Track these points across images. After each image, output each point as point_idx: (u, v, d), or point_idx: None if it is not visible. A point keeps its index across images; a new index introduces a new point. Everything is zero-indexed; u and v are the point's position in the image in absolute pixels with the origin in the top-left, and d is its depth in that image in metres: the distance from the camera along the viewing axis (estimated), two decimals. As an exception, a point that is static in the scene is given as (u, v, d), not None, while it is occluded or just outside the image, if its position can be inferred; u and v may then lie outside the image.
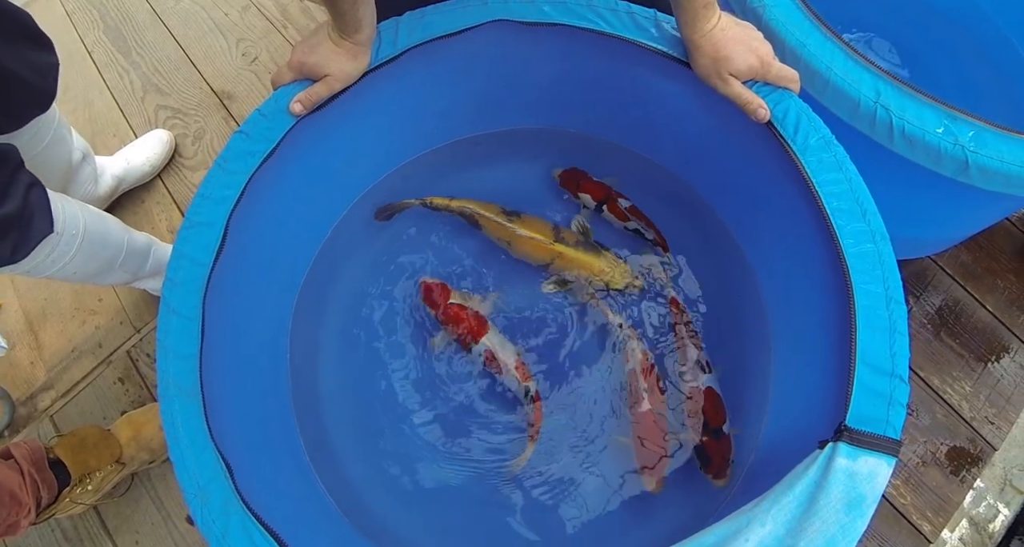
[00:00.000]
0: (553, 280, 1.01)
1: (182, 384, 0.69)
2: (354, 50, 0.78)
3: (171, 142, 1.48)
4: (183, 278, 0.74)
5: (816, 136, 0.74)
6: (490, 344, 0.95)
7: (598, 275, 0.99)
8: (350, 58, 0.79)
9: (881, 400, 0.61)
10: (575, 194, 1.06)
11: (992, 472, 1.14)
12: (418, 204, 1.04)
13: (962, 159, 0.77)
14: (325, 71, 0.79)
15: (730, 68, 0.75)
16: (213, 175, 0.78)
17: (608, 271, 0.99)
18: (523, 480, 0.91)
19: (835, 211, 0.70)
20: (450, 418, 0.96)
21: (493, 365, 0.95)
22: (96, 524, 1.23)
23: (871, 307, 0.65)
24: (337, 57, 0.78)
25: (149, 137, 1.47)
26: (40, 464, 1.04)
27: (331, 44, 0.78)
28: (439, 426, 0.96)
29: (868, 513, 0.56)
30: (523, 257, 1.02)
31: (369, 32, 0.78)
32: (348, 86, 0.81)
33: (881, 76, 0.81)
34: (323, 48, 0.78)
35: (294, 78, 0.81)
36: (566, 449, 0.92)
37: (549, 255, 1.00)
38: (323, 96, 0.80)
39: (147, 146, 1.45)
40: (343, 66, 0.79)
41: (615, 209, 1.03)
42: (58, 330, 1.39)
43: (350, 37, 0.77)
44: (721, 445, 0.86)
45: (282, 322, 0.93)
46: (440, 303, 0.98)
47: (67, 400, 1.33)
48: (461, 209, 1.03)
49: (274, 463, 0.82)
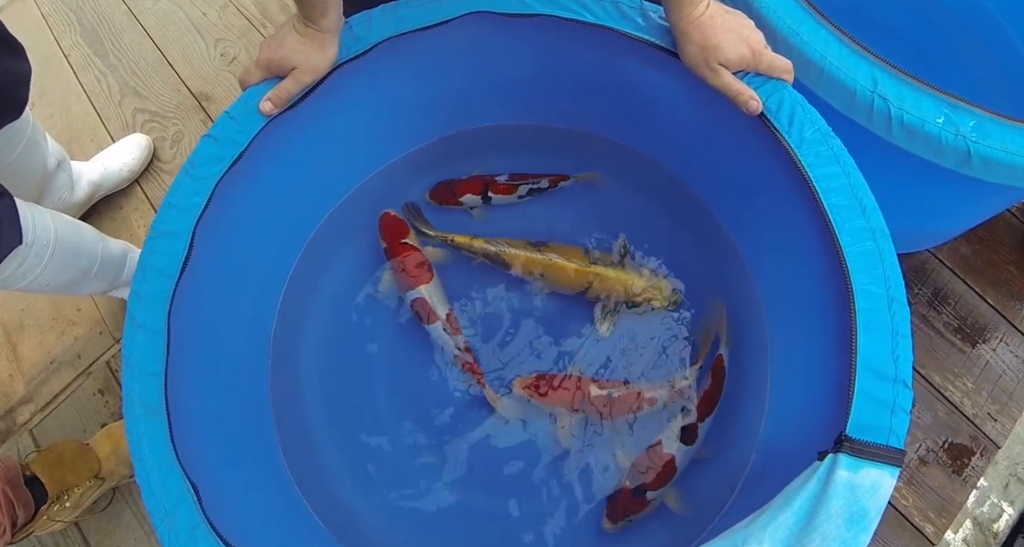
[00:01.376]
0: (605, 315, 0.95)
1: (148, 402, 0.66)
2: (320, 39, 0.75)
3: (149, 146, 1.44)
4: (149, 291, 0.70)
5: (812, 128, 0.71)
6: (426, 294, 0.93)
7: (640, 294, 0.94)
8: (317, 48, 0.75)
9: (883, 407, 0.57)
10: (457, 203, 1.01)
11: (995, 470, 1.11)
12: (438, 238, 0.99)
13: (964, 150, 0.74)
14: (292, 64, 0.75)
15: (719, 58, 0.72)
16: (180, 182, 0.74)
17: (650, 289, 0.94)
18: (522, 501, 0.89)
19: (833, 207, 0.66)
20: (444, 435, 0.92)
21: (423, 312, 0.92)
22: (78, 541, 1.19)
23: (872, 309, 0.61)
24: (303, 48, 0.75)
25: (127, 141, 1.43)
26: (15, 482, 1.00)
27: (297, 35, 0.74)
28: (434, 442, 0.92)
29: (871, 528, 0.53)
30: (558, 286, 0.96)
31: (335, 17, 0.75)
32: (318, 79, 0.78)
33: (878, 64, 0.77)
34: (289, 41, 0.75)
35: (263, 77, 0.77)
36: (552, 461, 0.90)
37: (586, 279, 0.94)
38: (293, 92, 0.77)
39: (124, 151, 1.41)
40: (310, 57, 0.75)
41: (500, 188, 1.00)
42: (36, 341, 1.35)
43: (315, 23, 0.73)
44: (635, 504, 0.83)
45: (260, 335, 0.90)
46: (391, 240, 0.96)
47: (46, 413, 1.29)
48: (485, 250, 0.97)
49: (253, 483, 0.78)
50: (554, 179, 1.00)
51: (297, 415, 0.90)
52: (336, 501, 0.88)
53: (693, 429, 0.85)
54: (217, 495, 0.65)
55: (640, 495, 0.83)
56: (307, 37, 0.75)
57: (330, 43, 0.77)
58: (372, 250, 1.01)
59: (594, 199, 1.03)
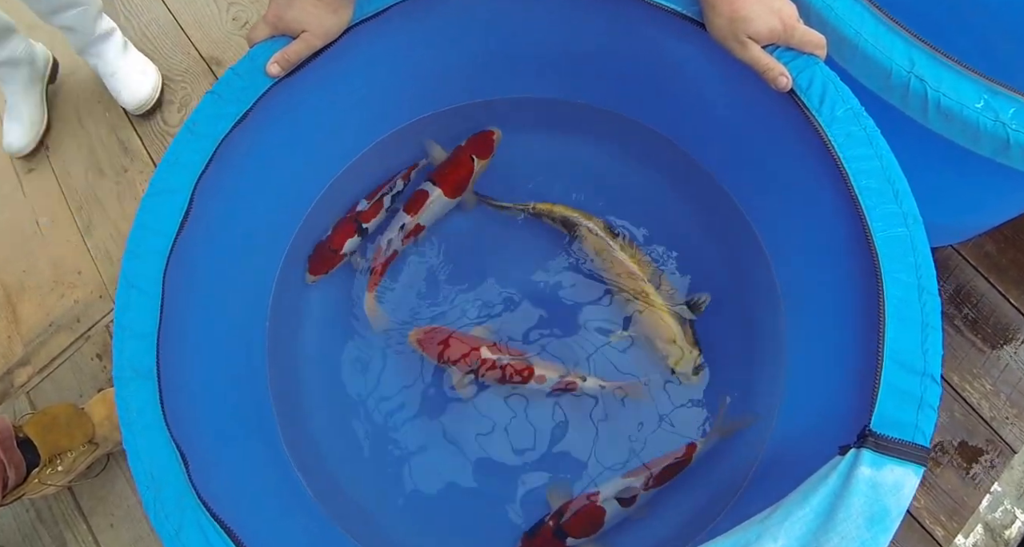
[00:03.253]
0: (622, 333, 0.92)
1: (138, 365, 0.63)
2: (334, 3, 0.71)
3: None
4: (144, 250, 0.67)
5: (843, 107, 0.67)
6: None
7: (668, 345, 0.88)
8: (330, 12, 0.72)
9: (910, 402, 0.54)
10: (340, 258, 0.95)
11: (1011, 476, 1.08)
12: (519, 210, 0.97)
13: (1003, 137, 0.70)
14: (303, 26, 0.72)
15: (749, 30, 0.68)
16: (181, 138, 0.71)
17: (681, 349, 0.88)
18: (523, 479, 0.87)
19: (864, 190, 0.63)
20: (445, 413, 0.90)
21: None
22: (71, 505, 1.19)
23: (902, 298, 0.58)
24: (316, 10, 0.71)
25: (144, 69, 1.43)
26: (7, 443, 0.99)
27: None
28: (435, 421, 0.90)
29: (892, 528, 0.50)
30: (607, 274, 0.93)
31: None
32: (328, 43, 0.74)
33: (916, 44, 0.73)
34: (301, 1, 0.71)
35: (270, 34, 0.74)
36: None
37: (637, 289, 0.91)
38: (302, 55, 0.73)
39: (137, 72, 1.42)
40: (323, 21, 0.72)
41: (367, 213, 0.95)
42: (36, 303, 1.34)
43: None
44: (551, 545, 0.80)
45: (259, 302, 0.87)
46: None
47: (44, 376, 1.28)
48: (564, 217, 0.95)
49: (244, 454, 0.76)
50: (406, 173, 0.97)
51: (293, 388, 0.88)
52: (329, 476, 0.86)
53: (634, 494, 0.81)
54: (206, 464, 0.63)
55: (560, 538, 0.80)
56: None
57: (345, 7, 0.73)
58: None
59: (605, 178, 0.99)
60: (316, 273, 0.93)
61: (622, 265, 0.92)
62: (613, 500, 0.80)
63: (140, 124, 1.44)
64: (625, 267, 0.91)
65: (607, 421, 0.88)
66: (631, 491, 0.80)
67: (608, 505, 0.80)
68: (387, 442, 0.89)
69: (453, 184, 0.95)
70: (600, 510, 0.80)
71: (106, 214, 1.37)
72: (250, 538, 0.58)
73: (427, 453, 0.88)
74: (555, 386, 0.87)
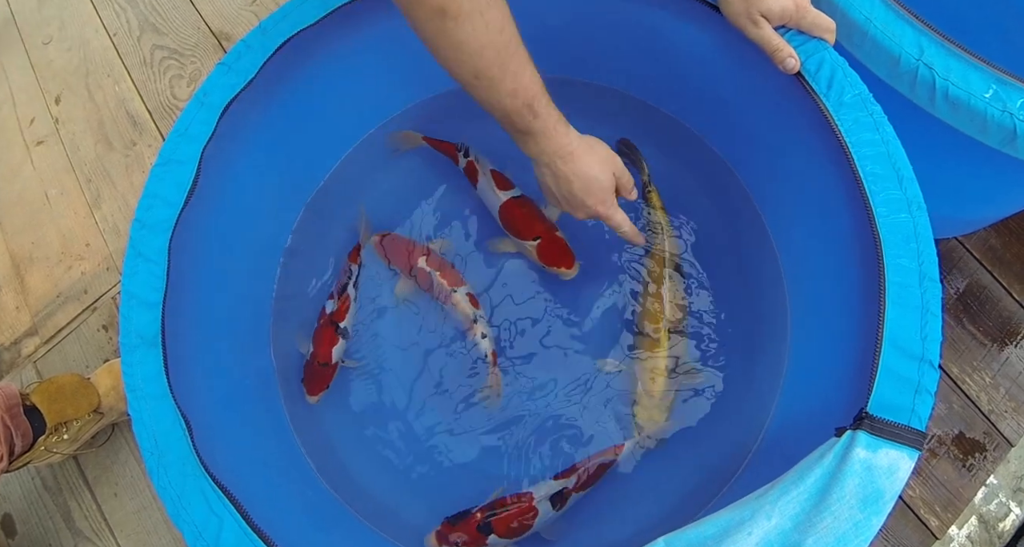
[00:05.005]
0: (613, 365, 0.89)
1: (144, 333, 0.64)
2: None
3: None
4: (153, 219, 0.68)
5: (851, 93, 0.67)
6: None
7: (646, 398, 0.85)
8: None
9: (908, 387, 0.54)
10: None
11: (1007, 469, 1.08)
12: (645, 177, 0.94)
13: (1010, 128, 0.70)
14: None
15: (762, 8, 0.68)
16: (190, 110, 0.72)
17: (653, 401, 0.84)
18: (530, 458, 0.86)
19: (869, 175, 0.63)
20: (449, 392, 0.90)
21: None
22: (76, 474, 1.20)
23: (903, 283, 0.58)
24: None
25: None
26: (14, 411, 1.00)
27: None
28: (438, 400, 0.90)
29: (885, 510, 0.50)
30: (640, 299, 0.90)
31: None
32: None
33: (925, 32, 0.73)
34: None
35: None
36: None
37: (652, 327, 0.87)
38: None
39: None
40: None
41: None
42: (44, 274, 1.35)
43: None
44: (473, 538, 0.78)
45: (265, 274, 0.88)
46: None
47: (51, 346, 1.29)
48: (654, 223, 0.91)
49: (248, 423, 0.77)
50: (353, 255, 0.93)
51: (297, 359, 0.89)
52: (330, 447, 0.86)
53: (566, 495, 0.79)
54: (209, 432, 0.64)
55: (483, 533, 0.78)
56: None
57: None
58: (388, 194, 0.99)
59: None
60: (316, 392, 0.88)
61: (657, 299, 0.88)
62: (546, 501, 0.78)
63: (149, 98, 1.44)
64: (659, 303, 0.88)
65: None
66: (564, 493, 0.79)
67: (542, 506, 0.78)
68: (389, 414, 0.89)
69: None
70: (534, 511, 0.78)
71: (114, 187, 1.38)
72: (252, 504, 0.59)
73: (428, 426, 0.88)
74: (459, 324, 0.89)
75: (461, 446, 0.87)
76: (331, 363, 0.87)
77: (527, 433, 0.87)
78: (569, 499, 0.79)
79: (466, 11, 0.59)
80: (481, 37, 0.61)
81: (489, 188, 0.91)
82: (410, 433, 0.88)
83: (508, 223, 0.91)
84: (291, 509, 0.73)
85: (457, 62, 0.63)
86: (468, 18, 0.59)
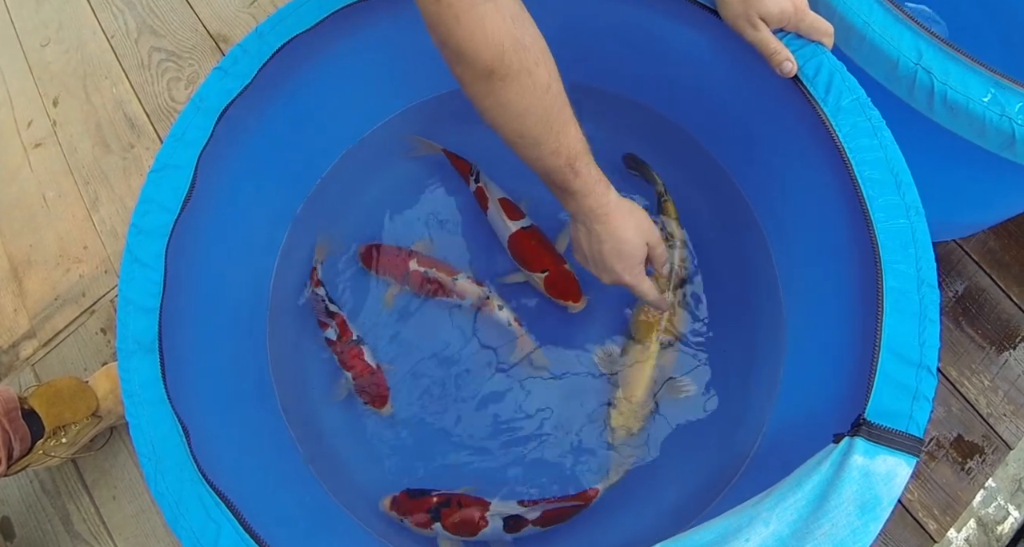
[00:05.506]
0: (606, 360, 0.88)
1: (141, 338, 0.64)
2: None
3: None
4: (150, 225, 0.68)
5: (849, 97, 0.67)
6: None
7: (623, 402, 0.84)
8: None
9: (905, 393, 0.54)
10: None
11: (1005, 472, 1.08)
12: (659, 186, 0.94)
13: (1008, 132, 0.70)
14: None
15: (761, 9, 0.68)
16: (187, 115, 0.72)
17: (631, 408, 0.83)
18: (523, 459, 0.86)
19: (867, 181, 0.63)
20: (447, 394, 0.90)
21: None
22: (74, 477, 1.20)
23: (901, 289, 0.58)
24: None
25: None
26: (12, 414, 1.00)
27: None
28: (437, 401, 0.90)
29: (883, 517, 0.50)
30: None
31: None
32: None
33: (924, 35, 0.73)
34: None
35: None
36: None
37: (644, 333, 0.86)
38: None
39: None
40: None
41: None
42: (42, 277, 1.35)
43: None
44: (420, 519, 0.79)
45: (261, 279, 0.88)
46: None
47: (49, 349, 1.29)
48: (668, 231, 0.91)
49: (247, 429, 0.77)
50: (314, 280, 0.93)
51: (295, 363, 0.89)
52: (333, 455, 0.86)
53: (522, 524, 0.78)
54: (208, 437, 0.64)
55: (433, 517, 0.78)
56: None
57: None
58: (385, 196, 0.99)
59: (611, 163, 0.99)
60: (384, 402, 0.88)
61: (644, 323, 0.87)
62: (499, 518, 0.78)
63: (147, 100, 1.44)
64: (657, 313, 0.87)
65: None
66: (521, 521, 0.78)
67: (492, 521, 0.78)
68: (389, 419, 0.89)
69: None
70: (484, 522, 0.78)
71: (112, 190, 1.38)
72: (249, 510, 0.59)
73: (426, 428, 0.88)
74: (476, 301, 0.90)
75: (462, 453, 0.87)
76: (375, 370, 0.88)
77: (532, 447, 0.87)
78: (525, 529, 0.78)
79: (514, 71, 0.58)
80: (528, 97, 0.60)
81: (499, 217, 0.91)
82: (410, 437, 0.88)
83: (517, 253, 0.90)
84: (289, 514, 0.73)
85: (503, 121, 0.63)
86: (516, 78, 0.59)
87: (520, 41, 0.58)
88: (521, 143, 0.64)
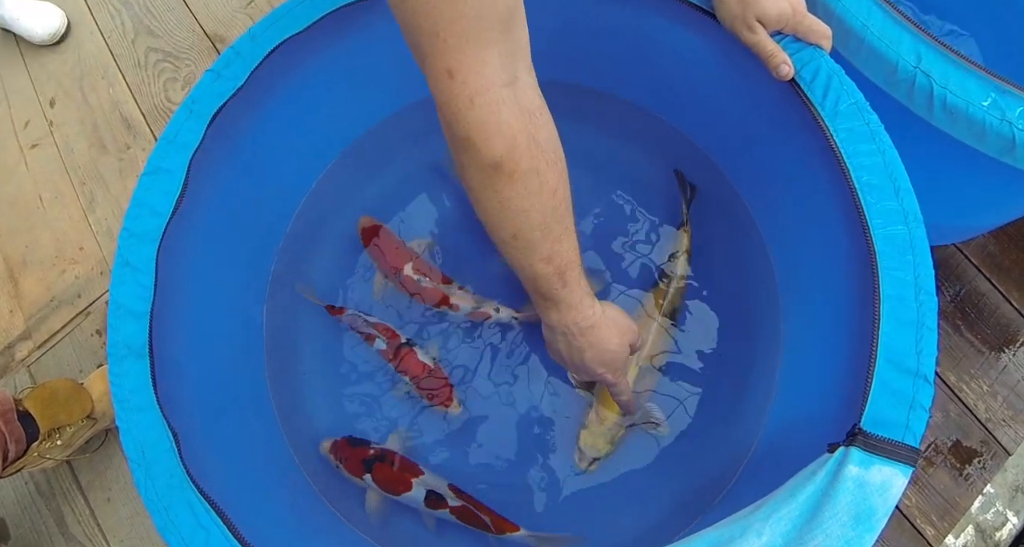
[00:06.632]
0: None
1: (132, 343, 0.64)
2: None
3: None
4: (140, 229, 0.68)
5: (848, 101, 0.66)
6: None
7: (599, 415, 0.82)
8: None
9: (902, 402, 0.54)
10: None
11: (1004, 478, 1.07)
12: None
13: (1008, 136, 0.69)
14: None
15: (759, 11, 0.67)
16: (179, 117, 0.71)
17: (601, 429, 0.81)
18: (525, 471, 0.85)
19: (864, 186, 0.62)
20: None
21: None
22: (69, 479, 1.19)
23: (898, 297, 0.57)
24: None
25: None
26: (8, 417, 1.00)
27: None
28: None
29: (877, 528, 0.50)
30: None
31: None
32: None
33: (923, 39, 0.72)
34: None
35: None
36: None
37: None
38: None
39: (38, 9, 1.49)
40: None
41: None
42: (38, 278, 1.34)
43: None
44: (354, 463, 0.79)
45: (258, 282, 0.87)
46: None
47: (44, 351, 1.29)
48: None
49: (239, 436, 0.76)
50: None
51: (291, 368, 0.88)
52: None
53: (440, 504, 0.78)
54: (199, 442, 0.64)
55: (366, 468, 0.79)
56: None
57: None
58: (384, 197, 0.98)
59: (608, 166, 0.98)
60: (450, 400, 0.86)
61: (643, 329, 0.84)
62: (422, 488, 0.78)
63: (143, 101, 1.44)
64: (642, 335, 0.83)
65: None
66: (441, 501, 0.78)
67: (416, 488, 0.78)
68: (383, 422, 0.88)
69: None
70: (405, 486, 0.78)
71: (108, 191, 1.37)
72: (240, 516, 0.58)
73: (423, 433, 0.87)
74: (471, 313, 0.88)
75: (456, 457, 0.86)
76: (432, 368, 0.87)
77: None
78: (441, 510, 0.78)
79: (522, 170, 0.54)
80: (532, 198, 0.56)
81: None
82: (407, 442, 0.87)
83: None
84: (281, 519, 0.72)
85: (498, 219, 0.58)
86: (523, 177, 0.55)
87: (535, 138, 0.54)
88: (513, 244, 0.60)
